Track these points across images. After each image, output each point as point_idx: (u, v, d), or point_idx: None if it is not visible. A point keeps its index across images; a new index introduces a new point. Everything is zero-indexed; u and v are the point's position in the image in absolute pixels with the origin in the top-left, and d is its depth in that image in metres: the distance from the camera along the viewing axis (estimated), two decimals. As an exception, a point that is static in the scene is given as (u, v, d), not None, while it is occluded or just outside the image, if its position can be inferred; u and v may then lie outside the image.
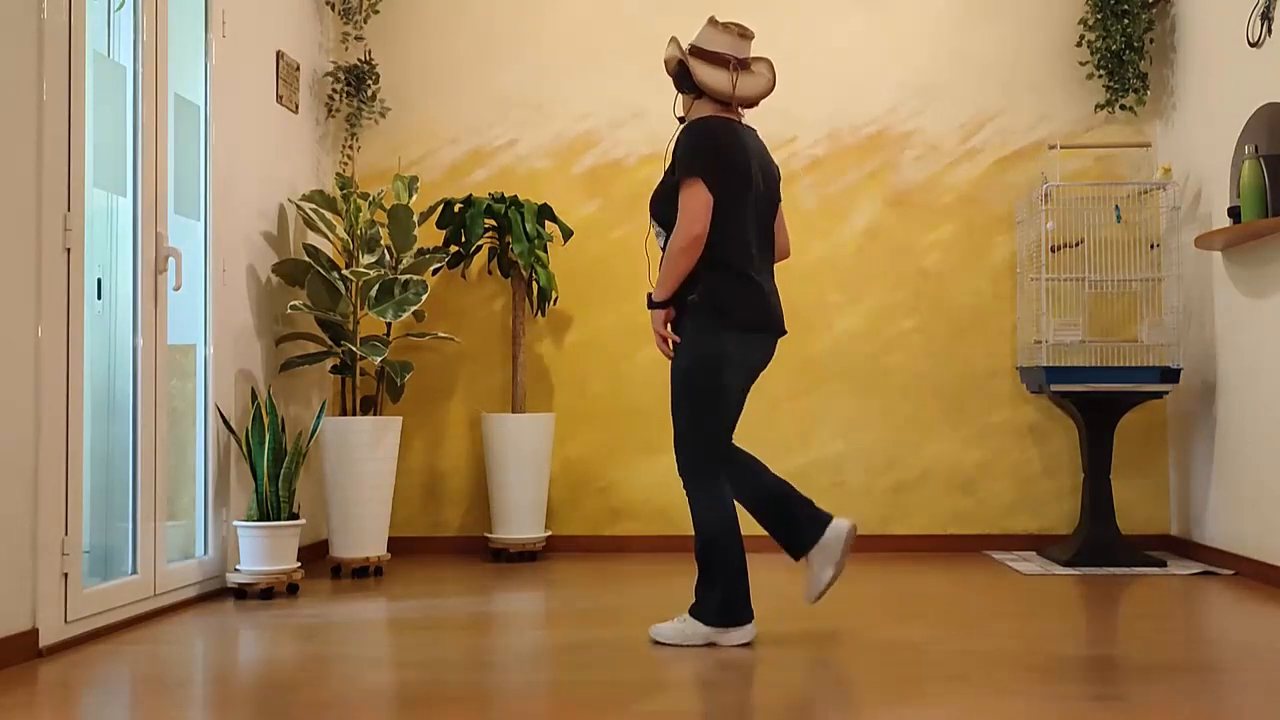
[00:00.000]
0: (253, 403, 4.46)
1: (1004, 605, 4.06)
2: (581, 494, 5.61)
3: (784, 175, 5.62)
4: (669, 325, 3.50)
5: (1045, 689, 2.83)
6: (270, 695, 2.82)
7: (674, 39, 3.54)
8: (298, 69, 5.23)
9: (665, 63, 3.59)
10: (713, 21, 3.52)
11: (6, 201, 3.19)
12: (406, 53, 5.73)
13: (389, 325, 5.11)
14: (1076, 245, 5.44)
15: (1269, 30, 4.50)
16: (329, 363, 5.46)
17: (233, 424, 4.49)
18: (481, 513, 5.62)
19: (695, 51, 3.51)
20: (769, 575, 4.79)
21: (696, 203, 3.35)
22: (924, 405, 5.56)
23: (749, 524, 3.51)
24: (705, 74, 3.48)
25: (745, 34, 3.53)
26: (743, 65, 3.52)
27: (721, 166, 3.39)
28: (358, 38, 5.62)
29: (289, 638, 3.56)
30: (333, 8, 5.61)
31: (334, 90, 5.55)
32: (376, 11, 5.63)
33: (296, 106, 5.20)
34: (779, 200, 3.65)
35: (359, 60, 5.55)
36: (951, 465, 5.55)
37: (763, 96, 3.56)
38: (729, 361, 3.42)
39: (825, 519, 3.51)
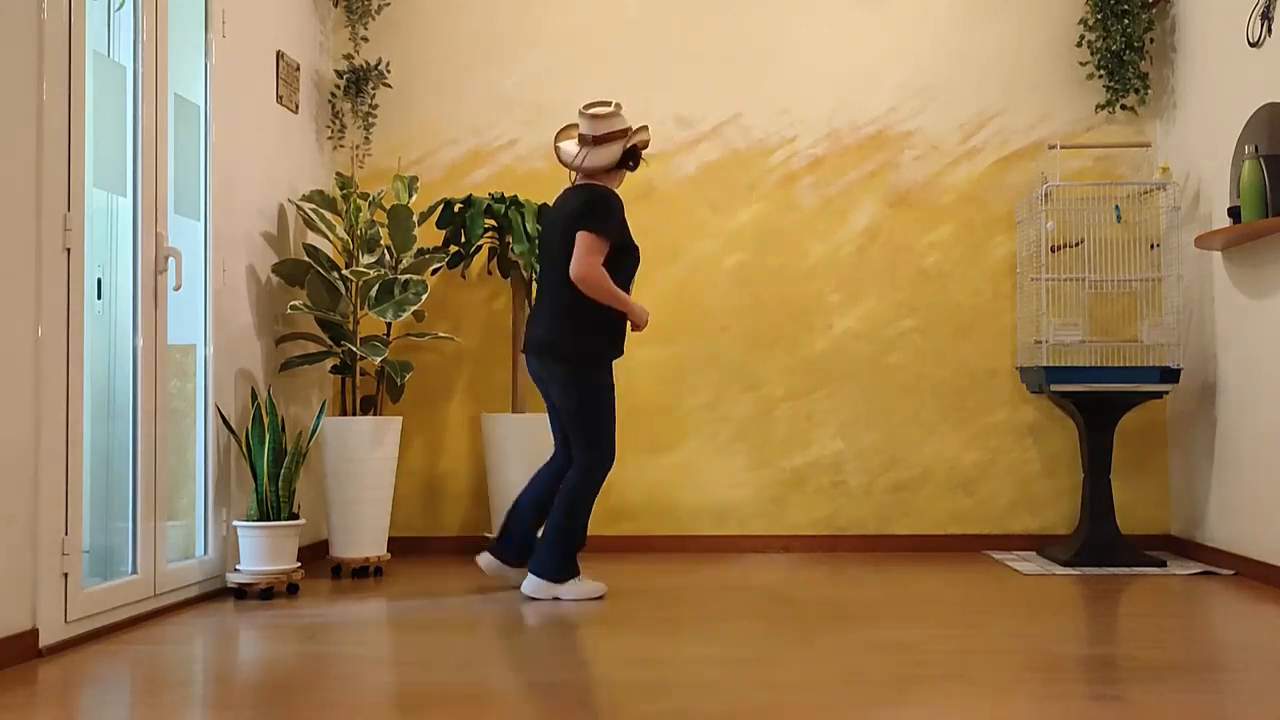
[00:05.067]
0: (253, 403, 4.46)
1: (1004, 605, 4.06)
2: (581, 494, 5.59)
3: (784, 175, 5.67)
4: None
5: (1045, 689, 2.84)
6: (270, 695, 2.82)
7: (641, 128, 4.33)
8: (298, 69, 5.23)
9: (605, 135, 4.29)
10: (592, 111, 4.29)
11: (6, 201, 3.19)
12: (407, 53, 5.73)
13: (389, 325, 5.11)
14: (1076, 245, 5.45)
15: (1269, 30, 4.50)
16: (329, 363, 5.46)
17: (233, 424, 4.49)
18: (481, 513, 5.62)
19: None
20: (767, 575, 4.79)
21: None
22: (924, 405, 5.57)
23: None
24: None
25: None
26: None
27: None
28: (363, 38, 5.62)
29: (289, 638, 3.56)
30: (334, 3, 5.61)
31: (334, 90, 5.55)
32: (376, 12, 5.63)
33: (296, 106, 5.20)
34: None
35: (365, 62, 5.55)
36: (951, 465, 5.55)
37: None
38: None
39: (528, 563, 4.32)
